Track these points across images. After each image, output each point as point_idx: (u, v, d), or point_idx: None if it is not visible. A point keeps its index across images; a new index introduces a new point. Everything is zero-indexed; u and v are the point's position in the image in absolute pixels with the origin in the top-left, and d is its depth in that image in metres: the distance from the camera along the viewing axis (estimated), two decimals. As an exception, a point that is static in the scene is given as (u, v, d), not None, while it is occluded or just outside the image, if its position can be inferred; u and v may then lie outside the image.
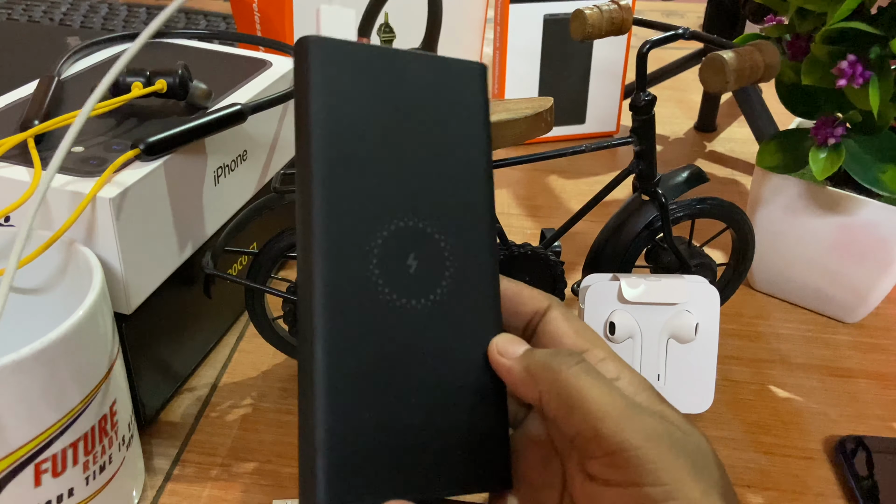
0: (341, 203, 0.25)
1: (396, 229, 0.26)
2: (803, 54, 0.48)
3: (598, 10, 0.44)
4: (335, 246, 0.24)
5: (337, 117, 0.25)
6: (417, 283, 0.26)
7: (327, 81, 0.25)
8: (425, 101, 0.27)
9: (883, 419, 0.46)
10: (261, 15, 0.64)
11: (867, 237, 0.49)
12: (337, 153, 0.25)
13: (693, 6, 1.22)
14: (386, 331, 0.25)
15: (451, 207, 0.27)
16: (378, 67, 0.26)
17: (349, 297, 0.24)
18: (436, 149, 0.27)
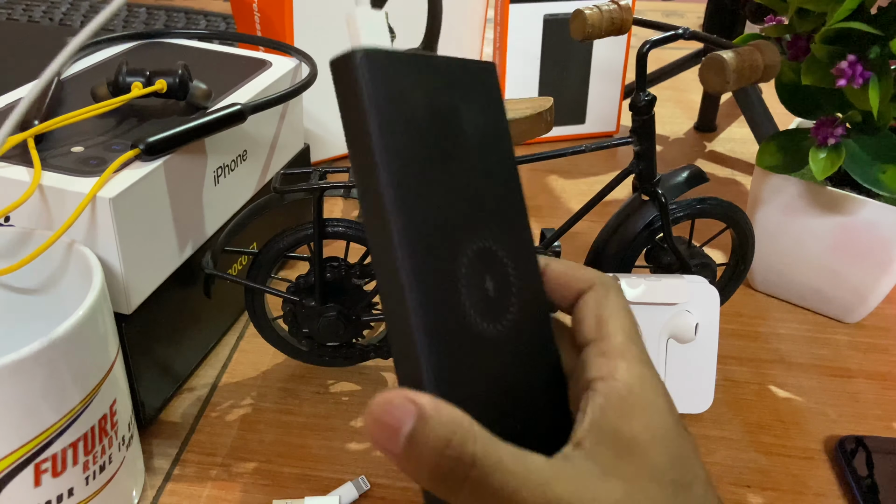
0: (424, 233, 0.23)
1: (473, 252, 0.26)
2: (803, 54, 0.48)
3: (598, 10, 0.44)
4: (427, 282, 0.23)
5: (398, 138, 0.23)
6: (496, 306, 0.26)
7: (383, 101, 0.23)
8: (461, 107, 0.26)
9: (882, 419, 0.46)
10: (261, 15, 0.64)
11: (867, 237, 0.49)
12: (407, 177, 0.23)
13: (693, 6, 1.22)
14: (478, 358, 0.25)
15: (501, 218, 0.27)
16: (420, 77, 0.25)
17: (448, 334, 0.23)
18: (478, 157, 0.27)
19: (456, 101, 0.26)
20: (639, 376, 0.26)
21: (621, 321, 0.27)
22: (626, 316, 0.28)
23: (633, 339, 0.27)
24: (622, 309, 0.28)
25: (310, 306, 0.42)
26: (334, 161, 0.73)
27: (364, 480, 0.40)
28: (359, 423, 0.44)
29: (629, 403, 0.26)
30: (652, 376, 0.26)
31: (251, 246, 0.50)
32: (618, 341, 0.27)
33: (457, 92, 0.26)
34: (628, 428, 0.25)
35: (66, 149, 0.39)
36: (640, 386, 0.26)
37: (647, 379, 0.26)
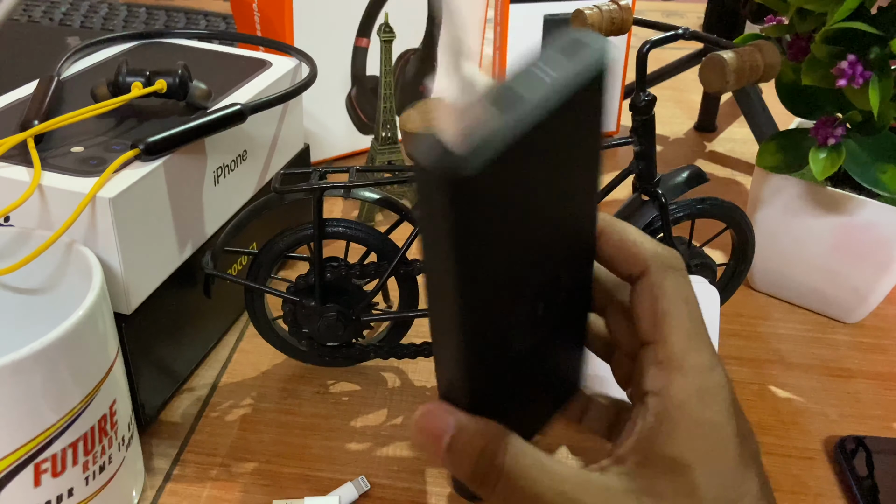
0: (487, 291, 0.23)
1: (533, 288, 0.25)
2: (803, 54, 0.48)
3: (598, 10, 0.44)
4: (480, 332, 0.24)
5: (478, 251, 0.22)
6: (541, 323, 0.26)
7: (470, 232, 0.21)
8: (555, 165, 0.23)
9: (883, 419, 0.46)
10: (261, 15, 0.64)
11: (867, 237, 0.49)
12: (480, 271, 0.22)
13: (693, 6, 1.22)
14: (512, 370, 0.26)
15: (570, 244, 0.26)
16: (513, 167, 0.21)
17: (489, 361, 0.25)
18: (559, 201, 0.24)
19: (549, 164, 0.23)
20: (696, 390, 0.25)
21: (681, 318, 0.25)
22: (688, 308, 0.26)
23: (695, 341, 0.25)
24: (682, 300, 0.26)
25: (310, 306, 0.42)
26: (334, 161, 0.73)
27: (364, 480, 0.40)
28: (359, 423, 0.44)
29: (680, 424, 0.24)
30: (714, 386, 0.25)
31: (251, 246, 0.50)
32: (676, 347, 0.25)
33: (553, 143, 0.22)
34: (674, 449, 0.24)
35: (65, 149, 0.39)
36: (696, 402, 0.25)
37: (706, 392, 0.25)
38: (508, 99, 0.21)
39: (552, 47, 0.23)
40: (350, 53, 0.68)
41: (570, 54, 0.22)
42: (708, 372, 0.25)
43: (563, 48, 0.22)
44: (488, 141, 0.19)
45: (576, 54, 0.22)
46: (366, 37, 0.69)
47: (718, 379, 0.25)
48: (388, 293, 0.53)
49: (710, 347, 0.26)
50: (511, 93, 0.21)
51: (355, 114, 0.71)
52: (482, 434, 0.24)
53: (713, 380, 0.25)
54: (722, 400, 0.25)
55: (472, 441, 0.24)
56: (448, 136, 0.19)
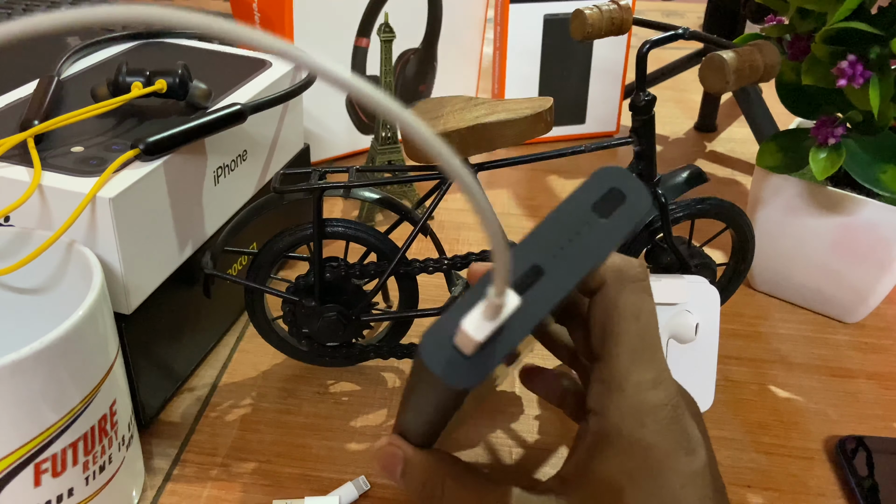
0: None
1: None
2: (803, 54, 0.48)
3: (598, 10, 0.44)
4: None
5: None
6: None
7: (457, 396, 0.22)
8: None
9: (883, 419, 0.46)
10: (261, 15, 0.64)
11: (867, 237, 0.49)
12: None
13: (693, 6, 1.22)
14: None
15: None
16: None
17: None
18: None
19: None
20: (633, 410, 0.25)
21: (628, 335, 0.25)
22: (637, 325, 0.25)
23: (639, 359, 0.25)
24: (633, 316, 0.25)
25: (309, 306, 0.42)
26: (334, 161, 0.72)
27: (364, 480, 0.40)
28: (359, 423, 0.44)
29: (614, 444, 0.25)
30: (653, 404, 0.25)
31: (251, 246, 0.50)
32: (618, 365, 0.25)
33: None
34: (609, 471, 0.25)
35: (65, 149, 0.39)
36: (632, 421, 0.24)
37: (643, 411, 0.24)
38: (532, 283, 0.21)
39: (587, 199, 0.22)
40: (350, 53, 0.68)
41: (607, 211, 0.22)
42: (649, 390, 0.25)
43: (598, 202, 0.22)
44: (498, 351, 0.20)
45: (613, 211, 0.22)
46: (366, 37, 0.69)
47: (660, 397, 0.25)
48: (388, 293, 0.53)
49: (657, 364, 0.25)
50: (537, 275, 0.21)
51: (355, 114, 0.71)
52: (427, 466, 0.29)
53: (654, 398, 0.25)
54: (661, 419, 0.25)
55: (418, 472, 0.29)
56: (464, 348, 0.20)
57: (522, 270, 0.21)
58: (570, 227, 0.21)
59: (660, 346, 0.26)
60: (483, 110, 0.40)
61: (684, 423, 0.25)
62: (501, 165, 0.42)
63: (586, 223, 0.21)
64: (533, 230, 0.21)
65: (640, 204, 0.22)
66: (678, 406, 0.25)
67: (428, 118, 0.39)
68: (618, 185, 0.22)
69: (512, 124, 0.39)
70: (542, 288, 0.20)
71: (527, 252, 0.21)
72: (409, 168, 0.42)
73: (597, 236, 0.21)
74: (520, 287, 0.20)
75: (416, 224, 0.42)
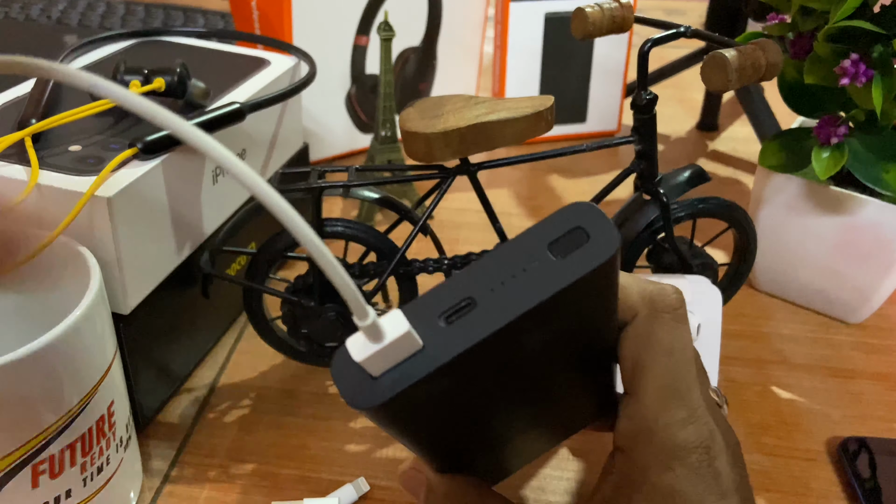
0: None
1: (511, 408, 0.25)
2: (806, 53, 0.48)
3: (600, 8, 0.44)
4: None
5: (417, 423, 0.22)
6: (530, 414, 0.26)
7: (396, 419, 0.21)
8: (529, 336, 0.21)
9: (886, 420, 0.46)
10: (259, 13, 0.64)
11: (870, 237, 0.49)
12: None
13: (695, 4, 1.22)
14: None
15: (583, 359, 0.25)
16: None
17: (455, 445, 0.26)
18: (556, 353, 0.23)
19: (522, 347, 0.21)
20: (660, 453, 0.24)
21: (660, 370, 0.24)
22: (669, 360, 0.24)
23: (672, 396, 0.24)
24: (665, 351, 0.24)
25: (308, 306, 0.42)
26: (333, 160, 0.72)
27: (363, 482, 0.40)
28: (358, 424, 0.44)
29: (640, 489, 0.24)
30: (682, 447, 0.23)
31: (249, 246, 0.50)
32: (648, 403, 0.24)
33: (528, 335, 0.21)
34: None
35: (63, 148, 0.39)
36: (658, 465, 0.23)
37: (671, 454, 0.23)
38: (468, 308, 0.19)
39: (546, 236, 0.20)
40: (349, 52, 0.68)
41: (564, 251, 0.20)
42: (679, 431, 0.24)
43: (557, 240, 0.20)
44: (406, 377, 0.19)
45: (571, 251, 0.20)
46: (365, 35, 0.68)
47: (690, 438, 0.24)
48: (388, 293, 0.53)
49: (690, 402, 0.24)
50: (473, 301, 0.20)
51: (355, 113, 0.71)
52: (449, 492, 0.27)
53: (684, 439, 0.24)
54: (691, 463, 0.23)
55: (440, 499, 0.28)
56: (370, 367, 0.19)
57: (455, 301, 0.19)
58: (517, 263, 0.20)
59: (695, 382, 0.24)
60: (483, 109, 0.39)
61: (717, 467, 0.24)
62: (501, 165, 0.42)
63: (536, 260, 0.20)
64: (478, 260, 0.20)
65: (604, 247, 0.20)
66: (711, 447, 0.24)
67: (428, 117, 0.39)
68: (584, 224, 0.20)
69: (512, 123, 0.39)
70: (469, 321, 0.19)
71: (465, 282, 0.20)
72: (409, 167, 0.42)
73: (544, 275, 0.19)
74: (449, 317, 0.19)
75: (416, 224, 0.42)
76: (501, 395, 0.23)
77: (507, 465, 0.31)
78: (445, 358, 0.19)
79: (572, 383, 0.26)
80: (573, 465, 0.42)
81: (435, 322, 0.19)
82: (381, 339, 0.18)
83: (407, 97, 0.74)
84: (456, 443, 0.25)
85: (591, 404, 0.29)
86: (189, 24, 0.86)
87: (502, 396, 0.23)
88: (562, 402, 0.27)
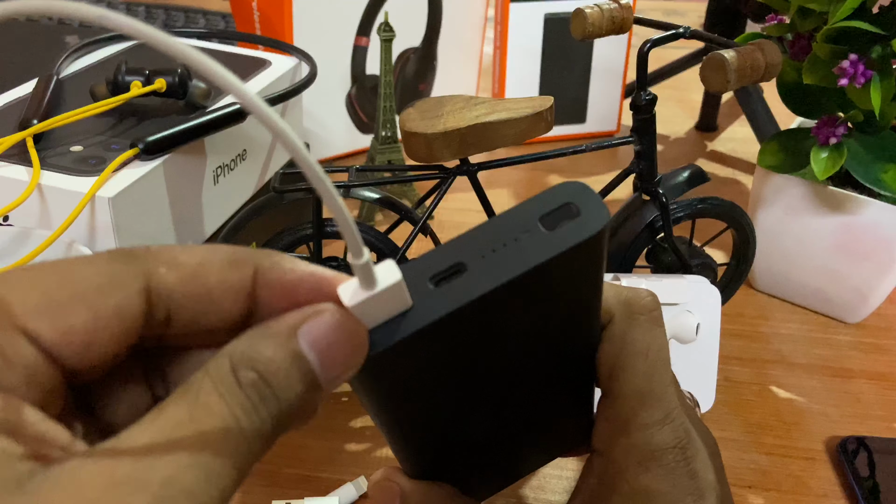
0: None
1: (488, 403, 0.25)
2: (805, 53, 0.48)
3: (599, 9, 0.44)
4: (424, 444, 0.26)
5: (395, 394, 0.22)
6: (508, 417, 0.26)
7: (380, 382, 0.21)
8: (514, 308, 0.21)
9: (884, 420, 0.46)
10: (260, 14, 0.64)
11: (869, 237, 0.49)
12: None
13: (694, 5, 1.22)
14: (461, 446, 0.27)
15: (564, 357, 0.25)
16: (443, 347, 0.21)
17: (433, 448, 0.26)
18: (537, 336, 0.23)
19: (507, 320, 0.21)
20: (638, 454, 0.24)
21: (636, 372, 0.24)
22: (646, 362, 0.24)
23: (648, 397, 0.24)
24: (641, 353, 0.24)
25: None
26: (334, 160, 0.72)
27: (363, 481, 0.40)
28: (359, 423, 0.44)
29: (618, 491, 0.24)
30: (659, 447, 0.24)
31: (250, 246, 0.50)
32: (625, 405, 0.24)
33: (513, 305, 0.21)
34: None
35: (65, 148, 0.39)
36: (636, 467, 0.24)
37: (648, 455, 0.24)
38: (456, 272, 0.20)
39: (537, 210, 0.20)
40: (350, 52, 0.68)
41: (554, 224, 0.20)
42: (656, 432, 0.24)
43: (548, 213, 0.20)
44: (397, 331, 0.19)
45: (560, 224, 0.20)
46: (366, 36, 0.69)
47: (667, 439, 0.24)
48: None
49: (665, 403, 0.24)
50: (461, 266, 0.20)
51: (355, 113, 0.71)
52: (425, 501, 0.26)
53: (660, 440, 0.24)
54: (668, 463, 0.24)
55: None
56: (359, 317, 0.19)
57: (445, 265, 0.20)
58: (508, 232, 0.20)
59: (670, 383, 0.25)
60: (483, 109, 0.40)
61: (694, 466, 0.24)
62: (501, 165, 0.42)
63: (527, 231, 0.20)
64: (470, 230, 0.20)
65: (592, 222, 0.20)
66: (687, 447, 0.24)
67: (428, 117, 0.39)
68: (574, 200, 0.20)
69: (512, 123, 0.39)
70: (458, 284, 0.19)
71: (456, 248, 0.20)
72: (409, 168, 0.42)
73: (534, 245, 0.20)
74: (438, 281, 0.20)
75: (416, 224, 0.42)
76: (484, 384, 0.23)
77: (482, 482, 0.30)
78: (433, 317, 0.19)
79: (555, 390, 0.26)
80: (573, 464, 0.42)
81: (424, 284, 0.20)
82: (373, 286, 0.18)
83: (407, 98, 0.75)
84: (435, 430, 0.24)
85: (571, 423, 0.29)
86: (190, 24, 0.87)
87: (485, 386, 0.23)
88: (543, 410, 0.27)
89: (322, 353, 0.17)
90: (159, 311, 0.18)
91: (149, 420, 0.16)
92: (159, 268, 0.18)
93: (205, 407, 0.16)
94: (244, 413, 0.17)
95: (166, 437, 0.16)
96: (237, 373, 0.17)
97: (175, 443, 0.16)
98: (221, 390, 0.16)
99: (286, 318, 0.18)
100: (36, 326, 0.16)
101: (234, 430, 0.16)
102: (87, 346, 0.17)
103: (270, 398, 0.17)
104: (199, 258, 0.18)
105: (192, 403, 0.16)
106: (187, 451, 0.16)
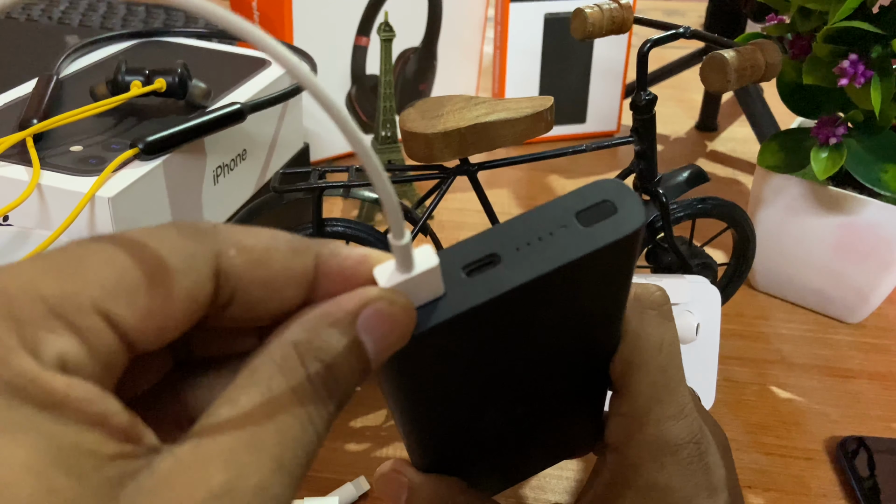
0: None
1: (506, 398, 0.25)
2: (805, 53, 0.48)
3: (599, 9, 0.44)
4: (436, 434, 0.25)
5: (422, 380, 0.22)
6: (523, 415, 0.26)
7: (408, 366, 0.21)
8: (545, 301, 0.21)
9: (884, 419, 0.46)
10: (260, 14, 0.64)
11: (868, 237, 0.49)
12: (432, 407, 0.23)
13: (694, 5, 1.22)
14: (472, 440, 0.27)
15: (582, 355, 0.25)
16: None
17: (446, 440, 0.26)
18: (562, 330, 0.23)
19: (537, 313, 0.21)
20: (653, 449, 0.24)
21: (648, 368, 0.24)
22: (659, 356, 0.24)
23: (662, 392, 0.24)
24: (654, 347, 0.24)
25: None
26: (334, 160, 0.72)
27: (364, 481, 0.40)
28: (359, 423, 0.44)
29: (632, 486, 0.24)
30: (674, 442, 0.24)
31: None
32: (639, 400, 0.24)
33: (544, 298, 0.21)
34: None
35: (65, 148, 0.39)
36: (651, 462, 0.24)
37: (663, 451, 0.24)
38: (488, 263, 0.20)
39: (574, 205, 0.20)
40: (350, 52, 0.68)
41: (591, 220, 0.20)
42: (670, 427, 0.24)
43: (585, 210, 0.20)
44: (432, 316, 0.19)
45: (597, 221, 0.20)
46: (366, 35, 0.69)
47: (681, 434, 0.24)
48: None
49: (679, 398, 0.24)
50: (495, 258, 0.20)
51: (355, 113, 0.71)
52: (434, 494, 0.26)
53: (675, 435, 0.24)
54: (682, 458, 0.24)
55: (424, 502, 0.26)
56: None
57: (479, 255, 0.20)
58: (544, 227, 0.20)
59: (682, 378, 0.25)
60: (483, 109, 0.40)
61: (707, 462, 0.24)
62: (501, 165, 0.42)
63: (563, 226, 0.20)
64: (505, 222, 0.20)
65: (630, 220, 0.20)
66: (700, 442, 0.24)
67: (428, 117, 0.39)
68: (612, 198, 0.20)
69: (512, 123, 0.39)
70: (491, 275, 0.19)
71: (491, 239, 0.20)
72: (409, 168, 0.42)
73: (570, 240, 0.20)
74: (471, 270, 0.20)
75: (416, 224, 0.42)
76: (504, 377, 0.23)
77: (487, 481, 0.30)
78: (465, 306, 0.19)
79: (570, 389, 0.26)
80: (573, 465, 0.42)
81: (458, 273, 0.19)
82: (410, 269, 0.18)
83: (407, 98, 0.75)
84: (451, 422, 0.24)
85: (580, 424, 0.29)
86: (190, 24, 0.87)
87: (504, 379, 0.23)
88: (556, 409, 0.27)
89: (377, 340, 0.17)
90: (223, 295, 0.17)
91: (224, 415, 0.15)
92: (229, 249, 0.17)
93: (279, 403, 0.16)
94: (316, 410, 0.16)
95: (248, 437, 0.15)
96: (305, 364, 0.16)
97: (257, 444, 0.15)
98: (293, 383, 0.16)
99: (342, 302, 0.17)
100: (115, 308, 0.15)
101: (309, 430, 0.16)
102: (160, 332, 0.16)
103: (336, 390, 0.17)
104: (265, 243, 0.17)
105: (265, 396, 0.16)
106: (269, 453, 0.16)
